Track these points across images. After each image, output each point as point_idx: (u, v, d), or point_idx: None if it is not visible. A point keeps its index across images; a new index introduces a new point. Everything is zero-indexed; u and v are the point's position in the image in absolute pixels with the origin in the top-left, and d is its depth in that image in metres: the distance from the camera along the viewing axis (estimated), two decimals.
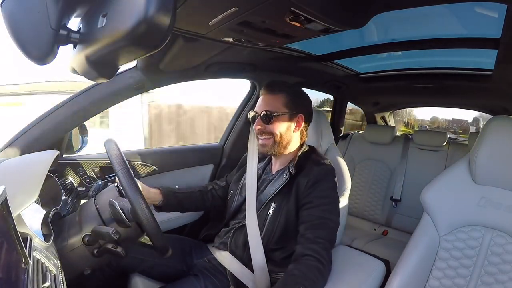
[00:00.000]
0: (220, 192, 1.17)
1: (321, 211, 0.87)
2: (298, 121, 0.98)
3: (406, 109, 4.27)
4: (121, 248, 0.77)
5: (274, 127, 0.95)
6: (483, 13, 0.88)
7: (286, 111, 0.96)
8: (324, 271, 0.82)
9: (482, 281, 0.82)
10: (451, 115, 9.48)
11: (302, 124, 0.99)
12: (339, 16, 0.73)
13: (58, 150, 1.00)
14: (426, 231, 0.90)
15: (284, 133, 0.96)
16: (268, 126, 0.95)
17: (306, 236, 0.84)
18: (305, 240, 0.84)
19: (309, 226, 0.86)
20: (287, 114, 0.96)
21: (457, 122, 8.18)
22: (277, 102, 0.96)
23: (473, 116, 6.86)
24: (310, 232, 0.84)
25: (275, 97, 0.96)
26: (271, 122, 0.95)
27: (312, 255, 0.81)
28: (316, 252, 0.81)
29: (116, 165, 0.78)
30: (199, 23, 0.75)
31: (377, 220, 2.02)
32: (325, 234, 0.85)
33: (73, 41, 0.45)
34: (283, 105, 0.95)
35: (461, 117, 8.09)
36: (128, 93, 1.11)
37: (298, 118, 0.98)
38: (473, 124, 7.00)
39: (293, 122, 0.97)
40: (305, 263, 0.80)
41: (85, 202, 0.91)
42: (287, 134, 0.97)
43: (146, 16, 0.35)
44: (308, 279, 0.78)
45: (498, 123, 0.86)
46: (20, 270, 0.48)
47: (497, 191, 0.84)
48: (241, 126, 1.60)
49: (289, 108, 0.96)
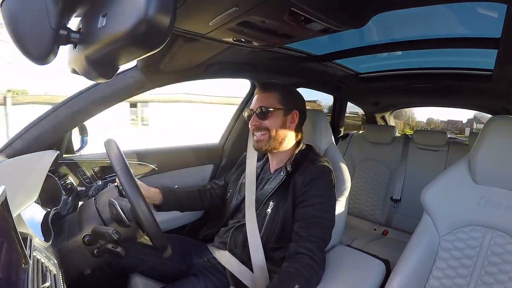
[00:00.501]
0: (218, 191, 1.18)
1: (316, 210, 0.87)
2: (293, 117, 1.00)
3: (408, 113, 4.27)
4: (121, 248, 0.77)
5: (269, 123, 0.96)
6: (483, 13, 0.87)
7: (281, 107, 0.97)
8: (317, 269, 0.82)
9: (482, 281, 0.82)
10: (447, 117, 9.53)
11: (297, 120, 1.00)
12: (339, 16, 0.73)
13: (58, 150, 1.01)
14: (426, 231, 0.90)
15: (280, 128, 0.97)
16: (263, 122, 0.97)
17: (300, 234, 0.85)
18: (299, 238, 0.85)
19: (304, 224, 0.86)
20: (281, 110, 0.98)
21: (452, 123, 8.24)
22: (271, 99, 0.98)
23: (467, 117, 6.91)
24: (304, 230, 0.85)
25: (269, 94, 0.98)
26: (266, 117, 0.96)
27: (306, 253, 0.82)
28: (310, 251, 0.82)
29: (116, 165, 0.78)
30: (199, 23, 0.75)
31: (377, 220, 2.02)
32: (319, 232, 0.85)
33: (73, 41, 0.45)
34: (277, 102, 0.98)
35: (456, 118, 8.17)
36: (128, 93, 1.11)
37: (293, 114, 1.00)
38: (467, 125, 7.06)
39: (288, 118, 0.99)
40: (299, 261, 0.81)
41: (85, 202, 0.91)
42: (282, 129, 0.98)
43: (146, 16, 0.35)
44: (302, 277, 0.78)
45: (498, 123, 0.86)
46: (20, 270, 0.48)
47: (497, 191, 0.84)
48: (241, 126, 1.60)
49: (283, 104, 0.98)
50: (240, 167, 1.15)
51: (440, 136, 1.95)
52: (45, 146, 0.99)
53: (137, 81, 1.08)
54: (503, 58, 1.01)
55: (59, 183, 0.98)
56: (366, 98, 2.31)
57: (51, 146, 1.02)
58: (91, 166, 1.20)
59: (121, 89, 1.08)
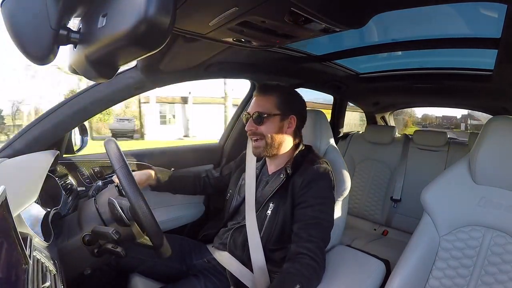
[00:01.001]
0: (213, 181, 1.20)
1: (315, 211, 0.87)
2: (291, 122, 0.98)
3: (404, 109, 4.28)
4: (121, 248, 0.77)
5: (265, 129, 0.95)
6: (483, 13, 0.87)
7: (278, 112, 0.96)
8: (318, 270, 0.82)
9: (482, 281, 0.82)
10: (441, 113, 9.58)
11: (294, 126, 0.99)
12: (339, 16, 0.73)
13: (58, 150, 1.01)
14: (426, 231, 0.90)
15: (275, 134, 0.96)
16: (259, 127, 0.96)
17: (300, 235, 0.85)
18: (299, 238, 0.85)
19: (303, 225, 0.87)
20: (278, 116, 0.96)
21: (447, 119, 8.29)
22: (268, 103, 0.96)
23: (462, 113, 6.96)
24: (303, 231, 0.85)
25: (267, 98, 0.97)
26: (262, 123, 0.95)
27: (306, 254, 0.82)
28: (311, 251, 0.82)
29: (116, 165, 0.78)
30: (199, 23, 0.75)
31: (377, 220, 2.01)
32: (319, 233, 0.85)
33: (73, 41, 0.45)
34: (274, 106, 0.96)
35: (451, 114, 8.30)
36: (128, 93, 1.11)
37: (290, 120, 0.98)
38: (461, 121, 7.10)
39: (285, 123, 0.97)
40: (300, 262, 0.81)
41: (85, 202, 0.91)
42: (279, 135, 0.97)
43: (146, 16, 0.35)
44: (304, 277, 0.79)
45: (498, 123, 0.86)
46: (20, 270, 0.48)
47: (497, 191, 0.84)
48: (241, 126, 1.59)
49: (280, 110, 0.96)
50: (239, 166, 1.15)
51: (440, 136, 1.95)
52: (45, 146, 0.99)
53: (137, 81, 1.08)
54: (503, 58, 1.01)
55: (59, 183, 0.98)
56: (366, 98, 2.31)
57: (51, 146, 1.02)
58: (91, 166, 1.20)
59: (121, 89, 1.08)
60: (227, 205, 1.09)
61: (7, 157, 0.92)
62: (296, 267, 0.81)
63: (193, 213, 1.42)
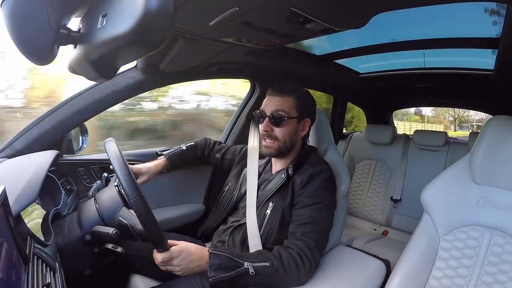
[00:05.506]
0: (211, 159, 1.28)
1: (310, 211, 0.87)
2: (305, 126, 0.98)
3: None
4: (121, 248, 0.77)
5: (281, 132, 0.94)
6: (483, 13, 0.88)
7: (296, 114, 0.94)
8: (301, 267, 0.81)
9: (482, 281, 0.82)
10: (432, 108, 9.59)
11: (307, 129, 0.99)
12: (339, 16, 0.73)
13: (58, 150, 1.00)
14: (426, 231, 0.90)
15: (290, 137, 0.95)
16: (276, 129, 0.94)
17: (294, 234, 0.86)
18: (293, 237, 0.86)
19: (297, 225, 0.87)
20: (296, 118, 0.94)
21: None
22: (286, 104, 0.93)
23: None
24: (298, 231, 0.86)
25: (285, 99, 0.94)
26: (279, 125, 0.93)
27: (294, 249, 0.82)
28: (299, 248, 0.82)
29: (116, 165, 0.77)
30: (199, 23, 0.75)
31: (377, 220, 2.02)
32: (312, 233, 0.85)
33: (73, 41, 0.45)
34: (293, 108, 0.94)
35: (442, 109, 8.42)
36: (128, 93, 1.11)
37: (305, 122, 0.98)
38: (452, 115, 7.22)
39: (300, 126, 0.97)
40: (286, 251, 0.82)
41: (85, 202, 0.91)
42: (293, 139, 0.96)
43: (146, 16, 0.35)
44: (279, 262, 0.79)
45: (498, 123, 0.86)
46: (20, 270, 0.48)
47: (497, 191, 0.84)
48: (242, 126, 1.59)
49: (298, 112, 0.94)
50: (241, 161, 1.14)
51: (440, 136, 1.95)
52: (45, 146, 0.99)
53: (137, 81, 1.08)
54: (503, 58, 1.01)
55: (59, 183, 0.98)
56: (366, 98, 2.31)
57: (51, 146, 1.01)
58: (91, 166, 1.20)
59: (121, 89, 1.08)
60: (226, 198, 1.08)
61: (7, 157, 0.92)
62: (279, 251, 0.82)
63: (193, 212, 1.42)
